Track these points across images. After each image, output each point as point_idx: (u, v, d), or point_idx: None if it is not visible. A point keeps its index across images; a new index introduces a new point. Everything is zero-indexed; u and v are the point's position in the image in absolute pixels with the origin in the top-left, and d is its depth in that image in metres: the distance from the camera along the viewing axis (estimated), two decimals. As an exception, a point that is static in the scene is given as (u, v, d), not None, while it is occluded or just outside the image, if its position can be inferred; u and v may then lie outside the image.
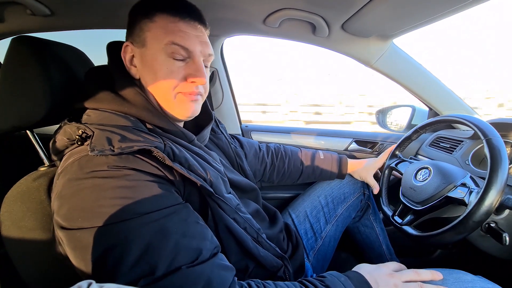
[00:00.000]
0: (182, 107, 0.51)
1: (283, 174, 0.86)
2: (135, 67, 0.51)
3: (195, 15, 0.50)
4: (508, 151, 0.70)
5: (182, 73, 0.49)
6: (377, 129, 1.26)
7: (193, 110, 0.52)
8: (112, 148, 0.39)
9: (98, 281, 0.25)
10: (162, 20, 0.48)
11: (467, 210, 0.52)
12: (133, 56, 0.51)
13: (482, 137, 0.58)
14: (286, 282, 0.46)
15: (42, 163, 0.57)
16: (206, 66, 0.53)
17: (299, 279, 0.48)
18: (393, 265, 0.53)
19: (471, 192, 0.57)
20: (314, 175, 0.87)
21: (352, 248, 0.94)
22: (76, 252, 0.38)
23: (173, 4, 0.49)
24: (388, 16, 0.71)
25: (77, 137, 0.43)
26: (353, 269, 0.52)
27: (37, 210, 0.48)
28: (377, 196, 0.83)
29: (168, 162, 0.42)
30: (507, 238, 0.57)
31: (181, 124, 0.58)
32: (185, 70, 0.49)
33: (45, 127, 0.56)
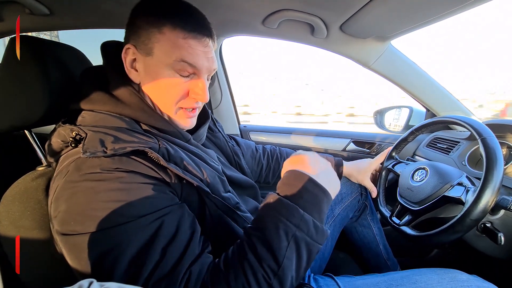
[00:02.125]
0: (181, 121, 0.52)
1: (278, 175, 0.86)
2: (136, 71, 0.49)
3: (205, 30, 0.48)
4: (504, 152, 0.71)
5: (186, 88, 0.49)
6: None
7: (190, 123, 0.54)
8: (105, 150, 0.39)
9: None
10: (171, 34, 0.45)
11: (465, 208, 0.53)
12: (134, 59, 0.49)
13: (477, 137, 0.58)
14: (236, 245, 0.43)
15: (40, 163, 0.57)
16: (208, 79, 0.53)
17: (245, 227, 0.47)
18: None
19: (467, 191, 0.57)
20: None
21: (350, 248, 0.95)
22: (72, 255, 0.38)
23: (183, 18, 0.46)
24: (386, 18, 0.72)
25: (71, 139, 0.42)
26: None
27: (35, 209, 0.47)
28: (375, 197, 0.83)
29: (162, 162, 0.41)
30: (502, 238, 0.58)
31: None
32: (189, 85, 0.49)
33: (43, 127, 0.55)
